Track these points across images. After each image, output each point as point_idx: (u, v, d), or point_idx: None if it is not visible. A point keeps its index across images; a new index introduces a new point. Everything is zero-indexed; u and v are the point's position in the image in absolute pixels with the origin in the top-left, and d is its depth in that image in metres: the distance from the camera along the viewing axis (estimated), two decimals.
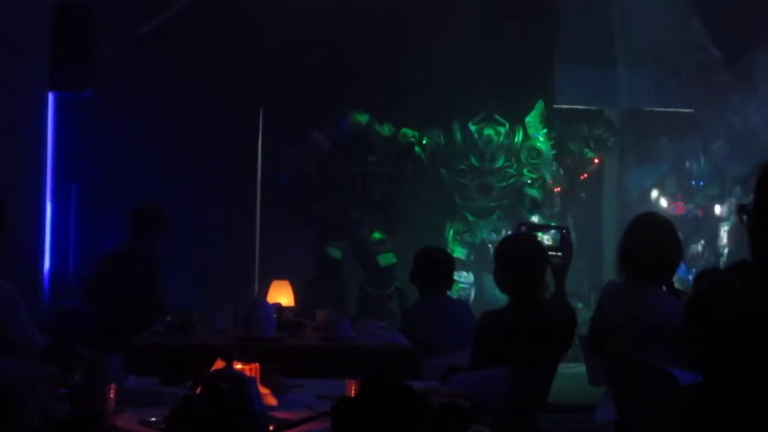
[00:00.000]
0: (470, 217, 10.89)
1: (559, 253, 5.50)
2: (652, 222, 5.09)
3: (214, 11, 9.78)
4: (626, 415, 4.79)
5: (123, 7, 9.40)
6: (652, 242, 4.91)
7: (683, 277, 8.71)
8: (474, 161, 10.77)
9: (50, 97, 9.07)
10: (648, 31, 10.33)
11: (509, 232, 9.54)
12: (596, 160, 11.17)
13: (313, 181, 10.55)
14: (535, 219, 10.47)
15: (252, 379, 3.35)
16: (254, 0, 9.70)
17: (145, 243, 7.48)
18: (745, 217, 3.23)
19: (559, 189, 10.99)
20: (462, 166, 10.78)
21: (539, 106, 10.77)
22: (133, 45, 9.62)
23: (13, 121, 8.21)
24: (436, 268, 6.43)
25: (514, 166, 10.83)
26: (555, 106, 10.95)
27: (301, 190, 10.48)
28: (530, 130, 10.81)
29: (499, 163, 10.79)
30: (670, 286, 4.98)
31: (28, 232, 8.40)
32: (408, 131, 10.72)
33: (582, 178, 11.18)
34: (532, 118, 10.78)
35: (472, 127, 10.73)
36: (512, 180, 10.81)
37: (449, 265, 6.55)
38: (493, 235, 10.67)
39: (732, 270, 4.64)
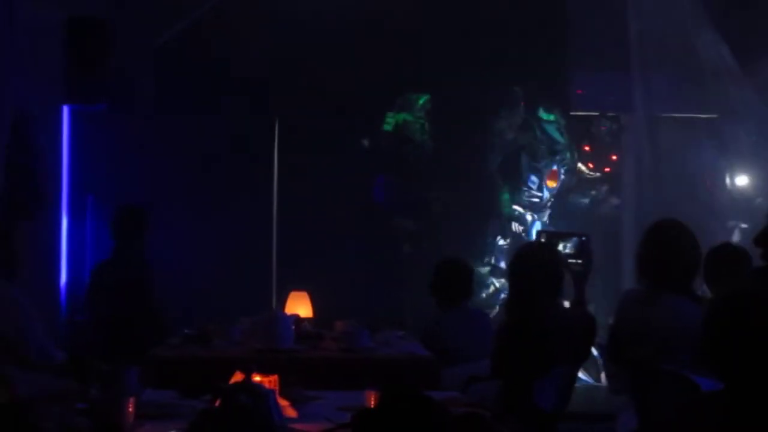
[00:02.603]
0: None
1: (579, 261, 5.48)
2: (671, 228, 5.05)
3: (228, 23, 9.77)
4: (647, 423, 4.76)
5: (137, 20, 9.40)
6: (671, 248, 4.87)
7: None
8: None
9: (65, 109, 9.08)
10: (665, 36, 10.26)
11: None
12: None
13: None
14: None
15: (271, 392, 3.35)
16: (269, 12, 9.70)
17: (135, 248, 7.39)
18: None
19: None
20: None
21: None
22: (148, 57, 9.62)
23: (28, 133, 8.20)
24: (455, 278, 6.43)
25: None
26: (571, 113, 10.92)
27: None
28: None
29: None
30: (690, 292, 4.94)
31: (44, 245, 8.39)
32: None
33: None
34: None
35: None
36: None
37: (468, 275, 6.54)
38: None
39: (753, 276, 4.61)
